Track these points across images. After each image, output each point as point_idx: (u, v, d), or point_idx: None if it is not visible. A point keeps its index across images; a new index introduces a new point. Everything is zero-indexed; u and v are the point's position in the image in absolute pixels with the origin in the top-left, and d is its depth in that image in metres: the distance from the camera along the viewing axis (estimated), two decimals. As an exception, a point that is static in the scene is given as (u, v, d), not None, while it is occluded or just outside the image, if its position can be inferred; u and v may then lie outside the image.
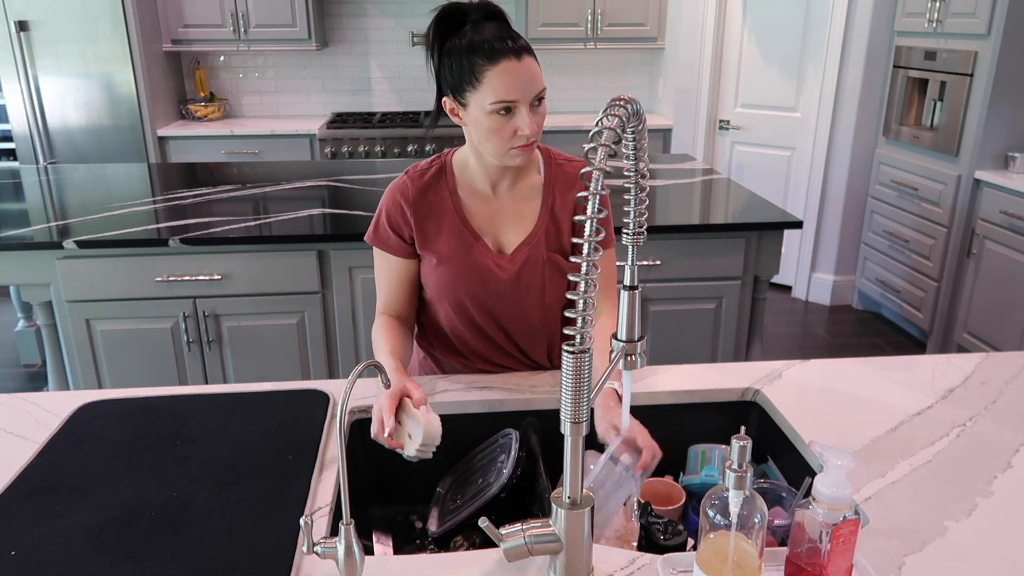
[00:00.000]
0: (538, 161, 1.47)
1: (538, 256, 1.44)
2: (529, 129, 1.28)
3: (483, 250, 1.43)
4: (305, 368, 2.63)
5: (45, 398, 1.42)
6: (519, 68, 1.25)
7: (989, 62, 3.29)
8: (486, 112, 1.27)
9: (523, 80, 1.25)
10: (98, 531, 1.04)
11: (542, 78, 1.29)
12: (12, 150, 4.39)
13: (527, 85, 1.26)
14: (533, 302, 1.46)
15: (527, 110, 1.27)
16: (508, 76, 1.24)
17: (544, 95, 1.30)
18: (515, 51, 1.25)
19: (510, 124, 1.28)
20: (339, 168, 3.42)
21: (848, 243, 4.35)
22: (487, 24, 1.28)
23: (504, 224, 1.45)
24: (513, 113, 1.27)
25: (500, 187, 1.44)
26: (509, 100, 1.26)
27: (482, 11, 1.30)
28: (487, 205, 1.44)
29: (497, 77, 1.25)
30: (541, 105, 1.30)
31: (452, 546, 1.26)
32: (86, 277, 2.42)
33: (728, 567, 0.86)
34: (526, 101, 1.27)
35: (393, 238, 1.45)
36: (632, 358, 1.03)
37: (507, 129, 1.29)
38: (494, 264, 1.43)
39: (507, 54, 1.24)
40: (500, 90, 1.25)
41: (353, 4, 4.87)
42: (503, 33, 1.27)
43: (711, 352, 2.75)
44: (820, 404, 1.39)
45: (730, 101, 4.60)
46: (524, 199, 1.45)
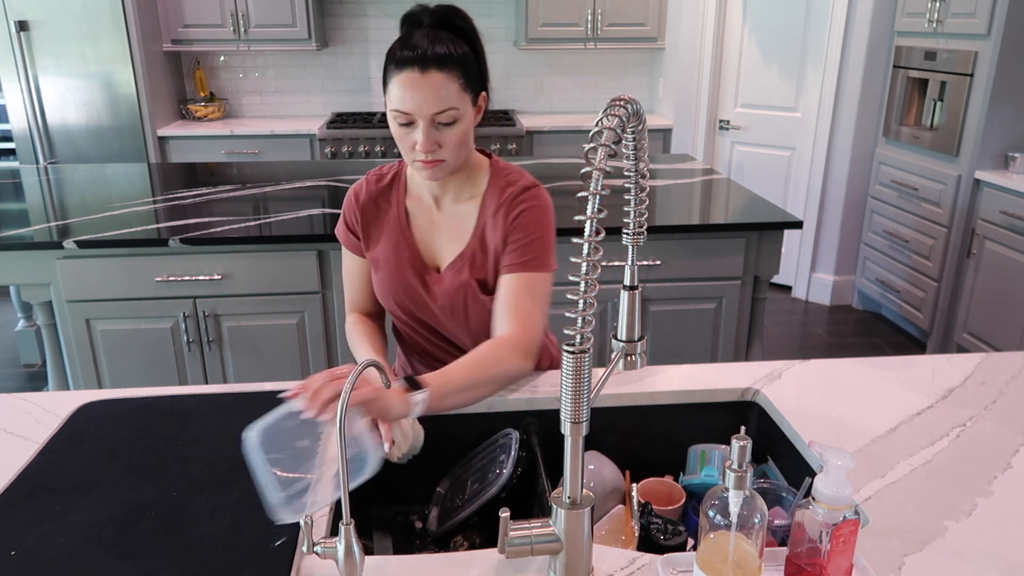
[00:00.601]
0: (484, 179, 1.42)
1: (461, 279, 1.41)
2: (422, 145, 1.25)
3: (416, 264, 1.42)
4: (305, 368, 2.63)
5: (45, 398, 1.42)
6: (419, 81, 1.21)
7: (989, 62, 3.29)
8: (391, 117, 1.27)
9: (420, 95, 1.22)
10: (98, 531, 1.04)
11: (453, 97, 1.24)
12: (12, 150, 4.40)
13: (423, 101, 1.22)
14: (459, 324, 1.45)
15: (426, 126, 1.24)
16: (405, 87, 1.22)
17: (455, 116, 1.25)
18: (421, 63, 1.21)
19: (410, 136, 1.27)
20: (339, 168, 3.42)
21: (848, 243, 4.35)
22: (430, 32, 1.24)
23: (441, 239, 1.43)
24: (413, 126, 1.26)
25: (443, 200, 1.42)
26: (403, 111, 1.24)
27: (438, 16, 1.27)
28: (429, 218, 1.43)
29: (397, 85, 1.23)
30: (452, 126, 1.26)
31: (452, 546, 1.26)
32: (86, 277, 2.42)
33: (728, 567, 0.86)
34: (423, 116, 1.23)
35: (350, 237, 1.46)
36: (632, 358, 1.03)
37: (407, 140, 1.28)
38: (421, 282, 1.43)
39: (411, 65, 1.21)
40: (396, 100, 1.24)
41: (353, 4, 4.87)
42: (430, 42, 1.22)
43: (711, 352, 2.75)
44: (820, 404, 1.39)
45: (730, 101, 4.60)
46: (463, 217, 1.41)
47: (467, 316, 1.44)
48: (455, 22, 1.28)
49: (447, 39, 1.25)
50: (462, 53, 1.25)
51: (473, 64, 1.28)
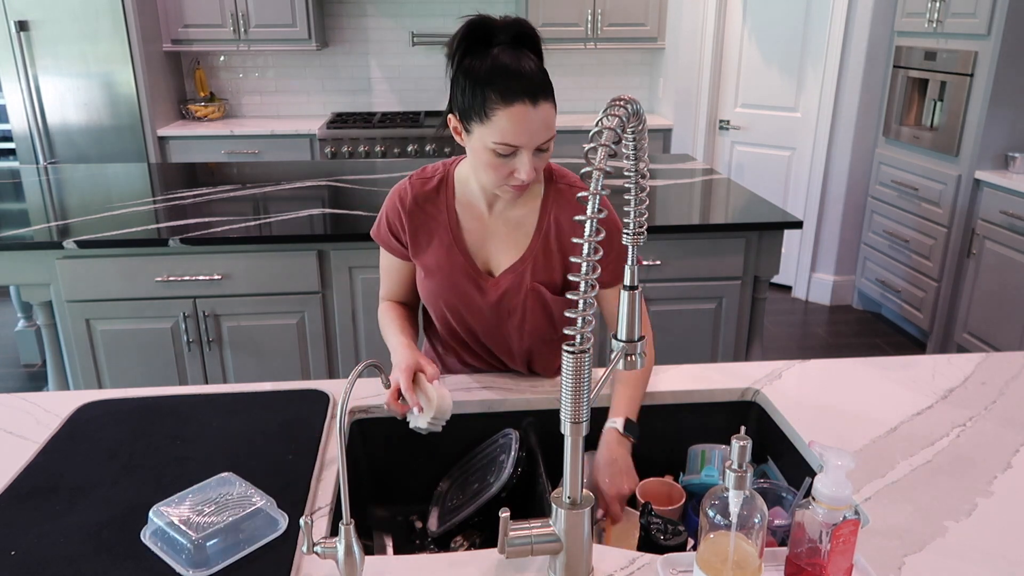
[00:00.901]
0: (540, 182, 1.40)
1: (521, 284, 1.39)
2: (526, 175, 1.22)
3: (469, 269, 1.40)
4: (305, 368, 2.63)
5: (45, 398, 1.42)
6: (532, 115, 1.18)
7: (989, 62, 3.29)
8: (487, 147, 1.21)
9: (533, 128, 1.18)
10: (98, 531, 1.04)
11: (554, 123, 1.22)
12: (12, 150, 4.40)
13: (535, 132, 1.19)
14: (512, 327, 1.44)
15: (529, 155, 1.21)
16: (518, 122, 1.18)
17: (550, 143, 1.23)
18: (532, 95, 1.17)
19: (508, 164, 1.23)
20: (339, 168, 3.42)
21: (848, 243, 4.35)
22: (514, 52, 1.19)
23: (496, 245, 1.41)
24: (514, 156, 1.22)
25: (496, 206, 1.39)
26: (512, 144, 1.20)
27: (511, 32, 1.21)
28: (481, 223, 1.40)
29: (507, 119, 1.17)
30: (548, 151, 1.24)
31: (452, 546, 1.26)
32: (86, 277, 2.42)
33: (728, 567, 0.86)
34: (532, 146, 1.21)
35: (392, 241, 1.44)
36: (632, 358, 1.03)
37: (504, 168, 1.23)
38: (475, 286, 1.41)
39: (523, 98, 1.16)
40: (507, 133, 1.18)
41: (353, 4, 4.87)
42: (527, 69, 1.18)
43: (711, 352, 2.75)
44: (820, 404, 1.39)
45: (730, 101, 4.60)
46: (519, 222, 1.40)
47: (524, 318, 1.42)
48: (532, 38, 1.23)
49: (536, 65, 1.20)
50: (549, 80, 1.22)
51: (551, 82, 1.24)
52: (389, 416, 1.41)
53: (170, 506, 1.03)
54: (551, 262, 1.39)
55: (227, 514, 1.01)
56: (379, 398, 1.42)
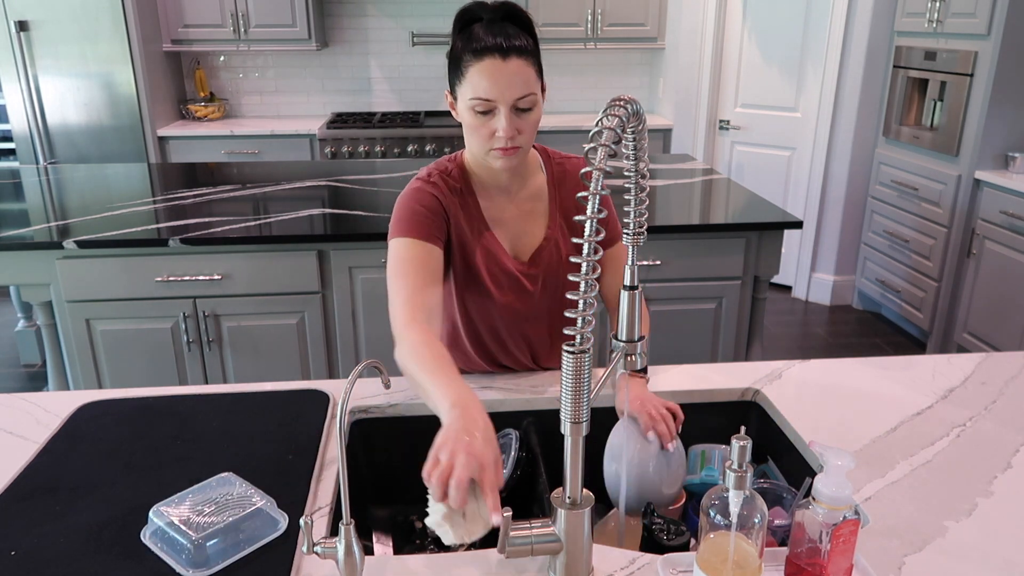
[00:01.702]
0: (539, 162, 1.46)
1: (555, 258, 1.44)
2: (505, 132, 1.25)
3: (507, 257, 1.43)
4: (305, 368, 2.63)
5: (45, 398, 1.42)
6: (502, 68, 1.22)
7: (989, 62, 3.29)
8: (467, 107, 1.26)
9: (503, 81, 1.23)
10: (98, 531, 1.04)
11: (533, 83, 1.26)
12: (12, 150, 4.40)
13: (507, 87, 1.23)
14: (555, 300, 1.47)
15: (507, 112, 1.25)
16: (488, 74, 1.23)
17: (534, 101, 1.27)
18: (503, 50, 1.22)
19: (488, 124, 1.27)
20: (339, 168, 3.42)
21: (848, 243, 4.35)
22: (500, 24, 1.25)
23: (520, 228, 1.44)
24: (492, 114, 1.26)
25: (512, 189, 1.42)
26: (486, 98, 1.24)
27: (499, 12, 1.27)
28: (504, 211, 1.43)
29: (478, 74, 1.23)
30: (532, 111, 1.27)
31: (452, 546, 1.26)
32: (86, 277, 2.42)
33: (728, 567, 0.86)
34: (506, 103, 1.24)
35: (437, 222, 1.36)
36: (632, 358, 1.03)
37: (485, 129, 1.27)
38: (516, 273, 1.43)
39: (493, 52, 1.22)
40: (479, 87, 1.24)
41: (353, 4, 4.87)
42: (503, 32, 1.24)
43: (711, 352, 2.75)
44: (820, 404, 1.39)
45: (730, 101, 4.60)
46: (535, 199, 1.44)
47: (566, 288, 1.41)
48: (518, 15, 1.29)
49: (518, 31, 1.26)
50: (532, 44, 1.27)
51: (539, 56, 1.29)
52: (389, 416, 1.41)
53: (170, 506, 1.03)
54: (572, 226, 1.45)
55: (227, 514, 1.01)
56: (379, 398, 1.42)
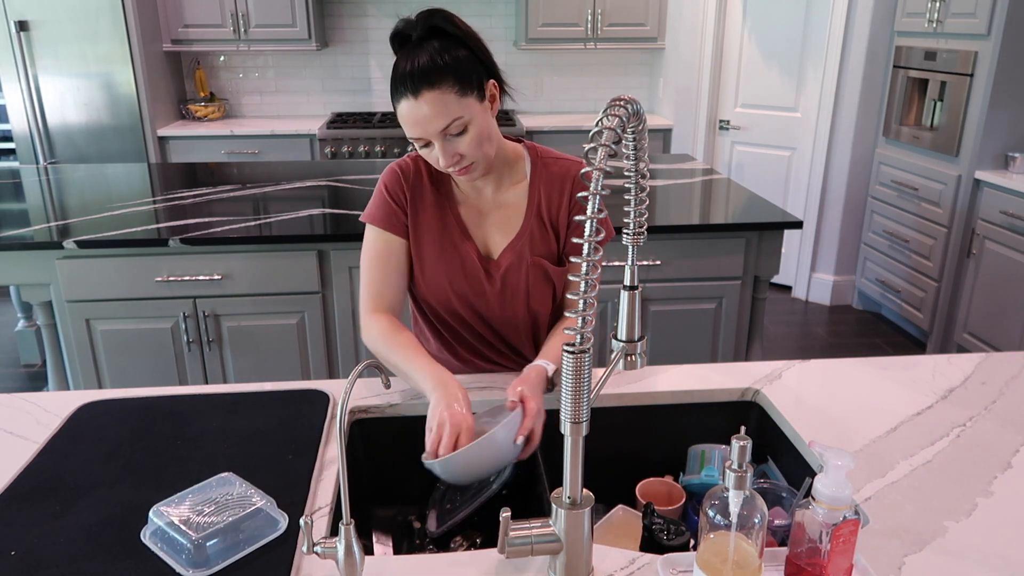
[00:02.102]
0: (524, 162, 1.45)
1: (522, 260, 1.43)
2: (444, 161, 1.28)
3: (471, 251, 1.43)
4: (305, 368, 2.63)
5: (45, 398, 1.42)
6: (415, 108, 1.23)
7: (989, 62, 3.29)
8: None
9: (420, 118, 1.24)
10: (98, 531, 1.04)
11: (456, 108, 1.24)
12: (12, 150, 4.40)
13: (425, 124, 1.24)
14: (519, 305, 1.46)
15: (439, 143, 1.26)
16: (406, 116, 1.25)
17: (462, 125, 1.26)
18: (413, 87, 1.22)
19: (431, 153, 1.30)
20: (339, 168, 3.42)
21: (848, 243, 4.35)
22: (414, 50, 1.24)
23: (491, 226, 1.44)
24: (431, 145, 1.28)
25: (486, 189, 1.44)
26: (414, 137, 1.27)
27: (422, 28, 1.26)
28: (477, 207, 1.44)
29: (401, 115, 1.26)
30: (466, 133, 1.27)
31: (452, 546, 1.26)
32: (86, 277, 2.42)
33: (728, 567, 0.86)
34: (432, 136, 1.26)
35: (395, 212, 1.41)
36: (632, 358, 1.03)
37: (431, 157, 1.31)
38: (481, 267, 1.43)
39: (405, 94, 1.23)
40: (406, 127, 1.27)
41: (353, 4, 4.87)
42: (416, 61, 1.22)
43: (711, 352, 2.75)
44: (820, 404, 1.39)
45: (730, 101, 4.60)
46: (510, 201, 1.44)
47: (528, 295, 1.45)
48: (441, 27, 1.26)
49: (432, 50, 1.23)
50: (449, 59, 1.23)
51: (467, 62, 1.26)
52: (389, 416, 1.41)
53: (170, 506, 1.03)
54: (546, 235, 1.44)
55: (227, 514, 1.01)
56: (379, 398, 1.42)
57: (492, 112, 1.33)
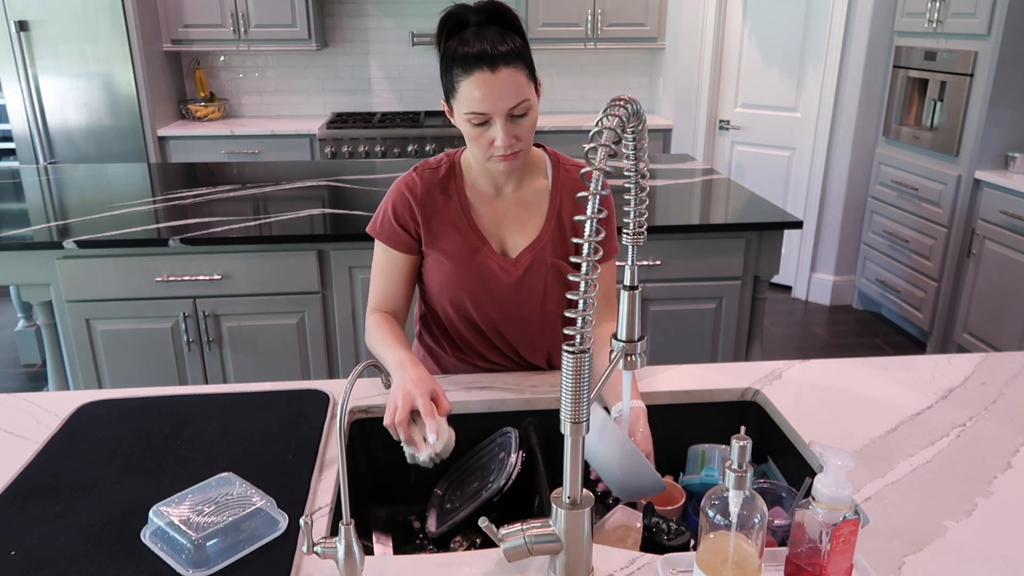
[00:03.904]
0: (545, 165, 1.46)
1: (542, 261, 1.43)
2: (503, 142, 1.27)
3: (488, 252, 1.43)
4: (305, 368, 2.63)
5: (45, 398, 1.42)
6: (492, 80, 1.23)
7: (989, 62, 3.29)
8: (464, 120, 1.28)
9: (495, 94, 1.24)
10: (98, 531, 1.04)
11: (525, 89, 1.26)
12: (12, 150, 4.40)
13: (499, 99, 1.24)
14: (534, 307, 1.46)
15: (502, 122, 1.26)
16: (479, 88, 1.24)
17: (528, 107, 1.27)
18: (491, 61, 1.22)
19: (486, 134, 1.29)
20: (339, 168, 3.42)
21: (848, 243, 4.35)
22: (486, 28, 1.25)
23: (509, 227, 1.44)
24: (488, 124, 1.27)
25: (505, 189, 1.44)
26: (480, 112, 1.26)
27: (484, 14, 1.27)
28: (493, 207, 1.44)
29: (469, 88, 1.24)
30: (526, 116, 1.28)
31: (452, 546, 1.26)
32: (86, 277, 2.42)
33: (728, 567, 0.86)
34: (500, 114, 1.25)
35: (399, 232, 1.44)
36: (632, 358, 1.03)
37: (484, 139, 1.29)
38: (498, 267, 1.43)
39: (482, 66, 1.22)
40: (472, 101, 1.25)
41: (353, 4, 4.87)
42: (490, 41, 1.23)
43: (711, 352, 2.75)
44: (820, 404, 1.39)
45: (730, 101, 4.60)
46: (529, 203, 1.44)
47: (545, 296, 1.45)
48: (504, 15, 1.28)
49: (503, 34, 1.25)
50: (520, 45, 1.27)
51: (527, 52, 1.29)
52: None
53: (170, 506, 1.03)
54: (566, 239, 1.44)
55: (227, 514, 1.01)
56: (379, 398, 1.42)
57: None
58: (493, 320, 1.48)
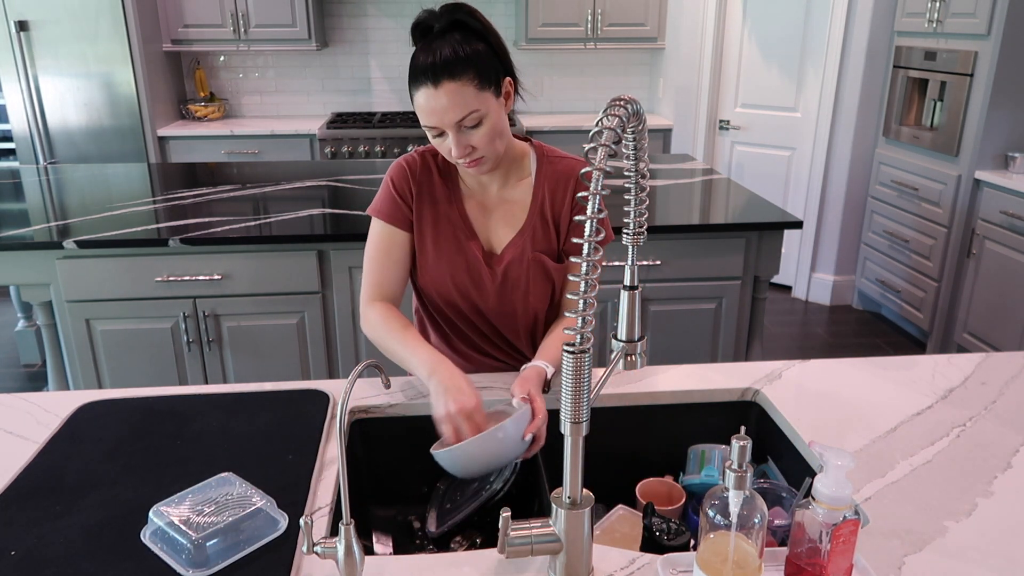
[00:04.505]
0: (529, 160, 1.47)
1: (524, 256, 1.44)
2: (456, 152, 1.30)
3: (475, 246, 1.45)
4: (305, 368, 2.63)
5: (45, 398, 1.42)
6: (435, 95, 1.25)
7: (989, 62, 3.29)
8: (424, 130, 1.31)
9: (438, 108, 1.25)
10: (98, 531, 1.04)
11: (472, 101, 1.26)
12: (12, 150, 4.39)
13: (443, 113, 1.25)
14: (517, 300, 1.47)
15: (453, 134, 1.28)
16: (424, 105, 1.26)
17: (478, 118, 1.27)
18: (434, 76, 1.24)
19: (444, 144, 1.31)
20: (339, 168, 3.42)
21: (848, 243, 4.35)
22: (448, 36, 1.26)
23: (495, 222, 1.46)
24: (444, 135, 1.30)
25: (491, 187, 1.46)
26: (429, 125, 1.29)
27: (446, 20, 1.28)
28: (482, 203, 1.46)
29: (418, 100, 1.27)
30: (480, 126, 1.29)
31: (452, 546, 1.26)
32: (86, 277, 2.42)
33: (728, 567, 0.86)
34: (448, 126, 1.27)
35: (400, 207, 1.44)
36: (632, 358, 1.03)
37: (443, 147, 1.32)
38: (483, 261, 1.45)
39: (426, 80, 1.25)
40: (422, 115, 1.29)
41: (353, 4, 4.87)
42: (441, 53, 1.24)
43: (711, 352, 2.75)
44: (820, 404, 1.39)
45: (730, 101, 4.60)
46: (516, 199, 1.46)
47: (528, 291, 1.46)
48: (463, 20, 1.28)
49: (455, 42, 1.25)
50: (471, 52, 1.25)
51: (487, 57, 1.28)
52: (389, 416, 1.41)
53: (170, 506, 1.03)
54: (548, 233, 1.45)
55: (227, 514, 1.01)
56: (379, 398, 1.42)
57: (506, 108, 1.35)
58: (481, 311, 1.49)
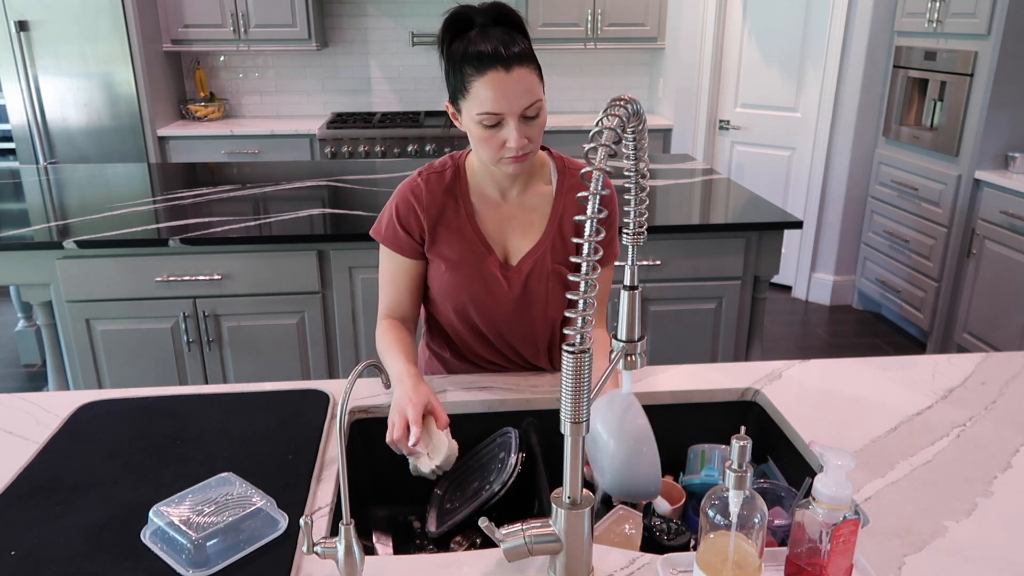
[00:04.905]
0: (549, 168, 1.45)
1: (543, 267, 1.42)
2: (516, 143, 1.25)
3: (492, 260, 1.42)
4: (305, 368, 2.63)
5: (45, 398, 1.42)
6: (506, 80, 1.21)
7: (989, 62, 3.29)
8: (475, 121, 1.25)
9: (509, 93, 1.22)
10: (98, 531, 1.04)
11: (537, 89, 1.25)
12: (12, 150, 4.39)
13: (514, 99, 1.22)
14: (536, 313, 1.46)
15: (516, 123, 1.24)
16: (493, 88, 1.21)
17: (540, 107, 1.26)
18: (505, 62, 1.20)
19: (498, 136, 1.26)
20: (339, 168, 3.42)
21: (848, 243, 4.35)
22: (492, 30, 1.24)
23: (513, 232, 1.43)
24: (501, 125, 1.25)
25: (510, 193, 1.42)
26: (494, 112, 1.23)
27: (490, 15, 1.25)
28: (497, 211, 1.42)
29: (483, 88, 1.22)
30: (537, 118, 1.27)
31: (452, 546, 1.26)
32: (86, 277, 2.42)
33: (728, 567, 0.86)
34: (514, 114, 1.24)
35: (403, 237, 1.42)
36: (632, 358, 1.03)
37: (495, 140, 1.27)
38: (501, 274, 1.42)
39: (495, 65, 1.20)
40: (485, 102, 1.23)
41: (353, 4, 4.87)
42: (501, 41, 1.21)
43: (711, 352, 2.75)
44: (820, 404, 1.39)
45: (730, 101, 4.60)
46: (533, 207, 1.43)
47: (547, 302, 1.44)
48: (509, 16, 1.27)
49: (511, 35, 1.24)
50: (529, 47, 1.26)
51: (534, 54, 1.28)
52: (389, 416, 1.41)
53: (170, 506, 1.03)
54: (567, 245, 1.43)
55: (227, 514, 1.01)
56: (379, 398, 1.42)
57: None
58: (497, 325, 1.47)
